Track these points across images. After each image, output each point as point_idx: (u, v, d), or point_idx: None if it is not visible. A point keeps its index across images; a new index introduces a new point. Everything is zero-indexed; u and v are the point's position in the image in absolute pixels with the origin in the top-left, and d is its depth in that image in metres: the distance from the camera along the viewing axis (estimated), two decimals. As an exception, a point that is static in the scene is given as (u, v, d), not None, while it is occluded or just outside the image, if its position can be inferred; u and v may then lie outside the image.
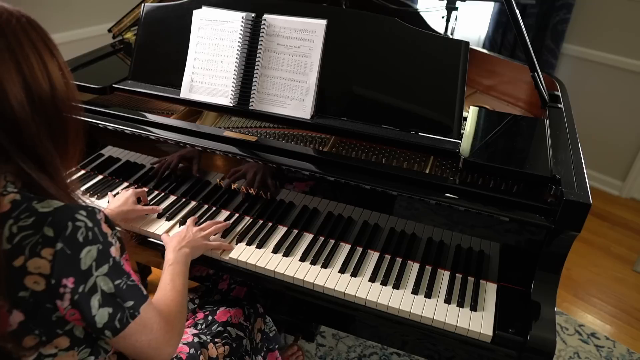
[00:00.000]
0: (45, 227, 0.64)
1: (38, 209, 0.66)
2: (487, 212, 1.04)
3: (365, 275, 1.12)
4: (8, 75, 0.64)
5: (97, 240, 0.68)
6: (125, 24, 1.79)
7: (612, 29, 2.56)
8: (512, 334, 0.98)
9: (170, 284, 0.97)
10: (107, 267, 0.69)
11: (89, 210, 0.68)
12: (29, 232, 0.64)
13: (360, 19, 1.23)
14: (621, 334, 1.97)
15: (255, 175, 1.22)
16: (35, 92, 0.67)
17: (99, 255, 0.68)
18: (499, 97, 1.70)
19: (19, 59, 0.65)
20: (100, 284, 0.68)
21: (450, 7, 2.14)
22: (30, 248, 0.64)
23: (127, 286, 0.72)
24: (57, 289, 0.65)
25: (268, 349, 1.27)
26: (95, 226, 0.68)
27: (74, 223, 0.66)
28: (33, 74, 0.67)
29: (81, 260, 0.66)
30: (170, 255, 1.06)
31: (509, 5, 1.24)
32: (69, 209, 0.67)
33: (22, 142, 0.67)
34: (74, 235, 0.65)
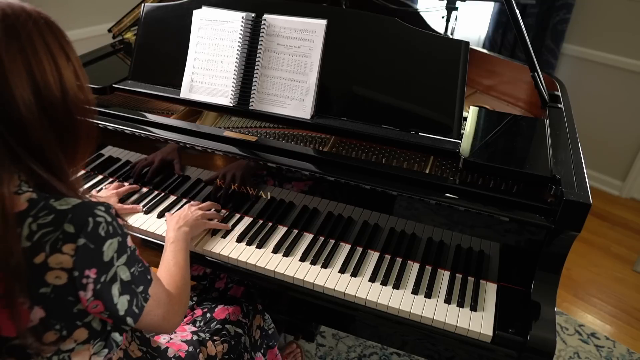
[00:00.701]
0: (65, 224, 0.65)
1: (56, 207, 0.66)
2: (487, 212, 1.04)
3: (365, 275, 1.12)
4: (18, 78, 0.64)
5: (117, 233, 0.70)
6: (125, 24, 1.79)
7: (612, 29, 2.56)
8: (512, 334, 0.98)
9: (173, 259, 1.02)
10: (125, 256, 0.72)
11: (105, 205, 0.70)
12: (49, 229, 0.65)
13: (360, 19, 1.23)
14: (621, 334, 1.97)
15: (254, 174, 1.22)
16: (45, 96, 0.66)
17: (119, 246, 0.70)
18: (499, 97, 1.70)
19: (31, 62, 0.65)
20: (120, 273, 0.71)
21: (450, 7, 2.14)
22: (51, 244, 0.65)
23: (138, 272, 0.75)
24: (80, 280, 0.66)
25: (268, 346, 1.27)
26: (114, 220, 0.70)
27: (94, 219, 0.67)
28: (44, 78, 0.66)
29: (104, 253, 0.68)
30: (171, 234, 1.10)
31: (509, 5, 1.24)
32: (87, 205, 0.68)
33: (29, 145, 0.67)
34: (96, 231, 0.67)
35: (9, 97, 0.64)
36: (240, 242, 1.20)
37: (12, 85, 0.63)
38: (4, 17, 0.65)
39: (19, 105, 0.64)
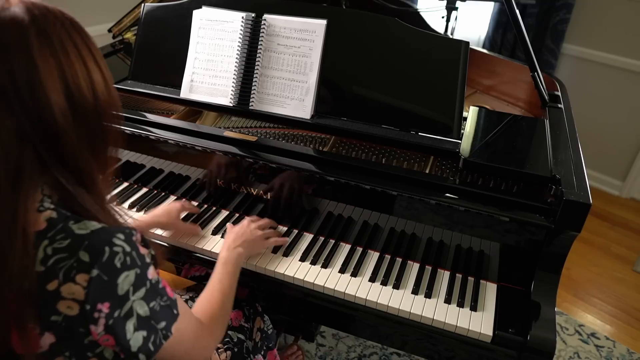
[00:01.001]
0: (80, 252, 0.61)
1: (74, 230, 0.63)
2: (487, 212, 1.04)
3: (365, 275, 1.12)
4: (52, 83, 0.60)
5: (135, 264, 0.65)
6: (125, 24, 1.79)
7: (612, 29, 2.56)
8: (512, 334, 0.98)
9: (218, 284, 0.97)
10: (144, 290, 0.66)
11: (126, 233, 0.65)
12: (64, 255, 0.61)
13: (360, 19, 1.23)
14: (621, 334, 1.97)
15: (256, 176, 1.22)
16: (78, 101, 0.63)
17: (137, 279, 0.65)
18: (499, 97, 1.70)
19: (63, 66, 0.62)
20: (137, 307, 0.65)
21: (450, 7, 2.14)
22: (65, 272, 0.61)
23: (160, 307, 0.69)
24: (92, 314, 0.62)
25: (267, 347, 1.27)
26: (133, 250, 0.65)
27: (111, 248, 0.62)
28: (77, 82, 0.63)
29: (118, 286, 0.63)
30: (224, 254, 1.05)
31: (509, 5, 1.24)
32: (106, 232, 0.64)
33: (61, 154, 0.64)
34: (111, 261, 0.62)
35: (45, 104, 0.60)
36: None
37: (48, 90, 0.60)
38: (34, 19, 0.61)
39: (54, 112, 0.61)
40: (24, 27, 0.60)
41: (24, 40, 0.59)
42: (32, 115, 0.60)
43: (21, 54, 0.59)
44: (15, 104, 0.59)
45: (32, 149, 0.61)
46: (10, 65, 0.59)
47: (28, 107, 0.59)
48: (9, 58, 0.59)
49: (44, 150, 0.62)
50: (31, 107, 0.60)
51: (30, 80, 0.59)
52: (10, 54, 0.59)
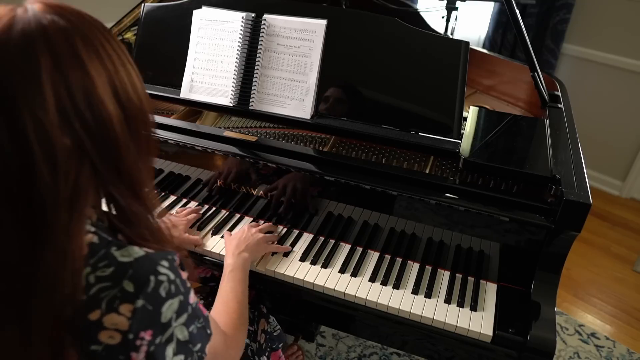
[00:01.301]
0: (125, 281, 0.59)
1: (117, 258, 0.60)
2: (487, 212, 1.04)
3: (365, 275, 1.12)
4: (105, 92, 0.57)
5: (179, 291, 0.63)
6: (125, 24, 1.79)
7: (612, 29, 2.56)
8: (512, 334, 0.98)
9: (231, 293, 0.95)
10: (185, 316, 0.65)
11: (169, 260, 0.63)
12: (107, 284, 0.59)
13: (361, 19, 1.23)
14: (621, 334, 1.97)
15: (256, 176, 1.22)
16: (128, 107, 0.60)
17: (180, 306, 0.64)
18: (499, 97, 1.70)
19: (111, 73, 0.58)
20: (177, 333, 0.64)
21: (450, 7, 2.14)
22: (108, 302, 0.58)
23: (197, 329, 0.68)
24: (134, 342, 0.60)
25: (271, 349, 1.27)
26: (177, 277, 0.63)
27: (156, 277, 0.60)
28: (125, 88, 0.60)
29: (162, 314, 0.61)
30: (230, 260, 1.03)
31: (509, 5, 1.24)
32: (150, 260, 0.61)
33: (118, 166, 0.60)
34: (156, 291, 0.60)
35: (104, 114, 0.57)
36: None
37: (104, 100, 0.56)
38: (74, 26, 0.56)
39: (112, 122, 0.58)
40: (69, 35, 0.55)
41: (74, 50, 0.55)
42: (91, 129, 0.56)
43: (75, 65, 0.55)
44: (74, 120, 0.54)
45: (89, 165, 0.58)
46: (66, 79, 0.54)
47: (87, 121, 0.55)
48: (63, 69, 0.53)
49: (102, 164, 0.58)
50: (90, 120, 0.56)
51: (86, 92, 0.55)
52: (65, 65, 0.54)
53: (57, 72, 0.53)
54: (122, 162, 0.61)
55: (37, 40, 0.53)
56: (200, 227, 1.23)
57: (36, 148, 0.52)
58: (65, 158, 0.54)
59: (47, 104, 0.52)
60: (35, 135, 0.52)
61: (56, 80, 0.53)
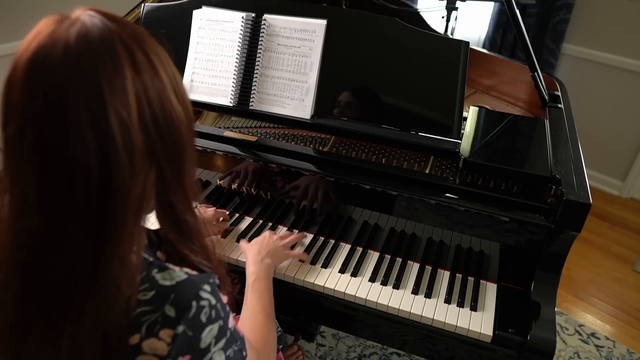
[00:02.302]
0: (167, 306, 0.57)
1: (159, 281, 0.59)
2: (487, 212, 1.04)
3: (365, 275, 1.12)
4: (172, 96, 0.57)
5: (219, 317, 0.62)
6: (125, 24, 1.79)
7: (612, 29, 2.56)
8: (512, 334, 0.98)
9: (258, 304, 0.91)
10: (224, 340, 0.64)
11: (211, 284, 0.62)
12: (148, 308, 0.57)
13: (360, 19, 1.23)
14: (621, 334, 1.97)
15: (256, 175, 1.22)
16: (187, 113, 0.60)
17: (219, 332, 0.62)
18: (499, 97, 1.70)
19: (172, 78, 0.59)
20: (215, 357, 0.63)
21: (450, 7, 2.14)
22: (148, 327, 0.57)
23: (234, 353, 0.66)
24: None
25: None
26: (218, 302, 0.62)
27: (198, 302, 0.59)
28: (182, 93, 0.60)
29: (202, 340, 0.60)
30: (252, 269, 0.99)
31: (509, 5, 1.24)
32: (192, 284, 0.60)
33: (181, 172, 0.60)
34: (197, 317, 0.59)
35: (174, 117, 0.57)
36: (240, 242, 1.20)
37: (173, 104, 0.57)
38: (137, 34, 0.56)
39: (181, 126, 0.58)
40: (138, 40, 0.56)
41: (147, 56, 0.56)
42: (164, 132, 0.56)
43: (150, 70, 0.56)
44: (150, 122, 0.55)
45: (156, 169, 0.57)
46: (143, 80, 0.54)
47: (160, 124, 0.56)
48: (141, 72, 0.54)
49: (169, 168, 0.58)
50: (163, 124, 0.56)
51: (160, 97, 0.56)
52: (142, 71, 0.55)
53: (136, 74, 0.54)
54: (184, 169, 0.61)
55: (116, 43, 0.53)
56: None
57: (120, 148, 0.52)
58: (139, 161, 0.54)
59: (130, 104, 0.53)
60: (120, 135, 0.52)
61: (136, 82, 0.54)
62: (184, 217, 0.63)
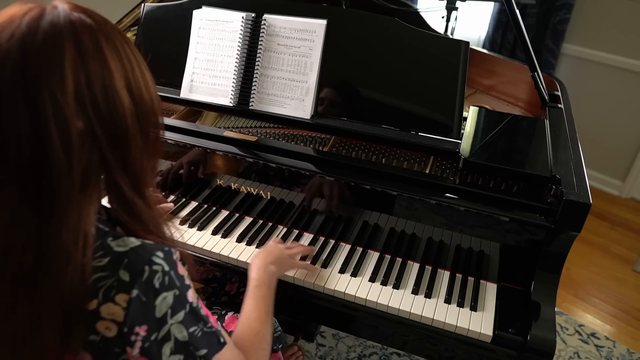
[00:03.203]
0: (121, 270, 0.60)
1: (113, 248, 0.61)
2: (487, 212, 1.04)
3: (365, 275, 1.12)
4: (121, 86, 0.60)
5: (174, 285, 0.63)
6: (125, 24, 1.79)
7: (612, 29, 2.56)
8: (512, 334, 0.98)
9: (255, 312, 0.90)
10: (183, 313, 0.64)
11: (165, 252, 0.63)
12: (104, 273, 0.60)
13: (360, 19, 1.23)
14: (621, 334, 1.97)
15: (258, 175, 1.22)
16: (140, 104, 0.63)
17: (175, 301, 0.63)
18: (499, 97, 1.70)
19: (128, 71, 0.62)
20: (175, 332, 0.63)
21: (450, 7, 2.14)
22: (105, 292, 0.59)
23: (202, 333, 0.66)
24: (129, 336, 0.61)
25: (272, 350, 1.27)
26: (172, 269, 0.63)
27: (150, 267, 0.61)
28: (139, 86, 0.63)
29: (156, 308, 0.61)
30: (255, 274, 0.97)
31: (509, 5, 1.24)
32: (145, 250, 0.62)
33: (125, 157, 0.63)
34: (150, 281, 0.61)
35: (118, 106, 0.60)
36: (240, 242, 1.20)
37: (120, 93, 0.60)
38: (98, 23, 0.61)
39: (125, 114, 0.61)
40: (94, 31, 0.59)
41: (98, 44, 0.59)
42: (104, 118, 0.59)
43: (97, 57, 0.59)
44: (89, 106, 0.58)
45: (98, 151, 0.60)
46: (87, 68, 0.58)
47: (100, 110, 0.59)
48: (86, 60, 0.58)
49: (111, 152, 0.61)
50: (104, 110, 0.59)
51: (104, 83, 0.59)
52: (87, 56, 0.58)
53: (79, 59, 0.57)
54: (129, 156, 0.63)
55: (65, 30, 0.57)
56: (200, 228, 1.23)
57: (52, 125, 0.55)
58: (78, 140, 0.57)
59: (67, 87, 0.56)
60: (52, 113, 0.55)
61: (77, 67, 0.57)
62: (132, 199, 0.65)
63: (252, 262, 1.03)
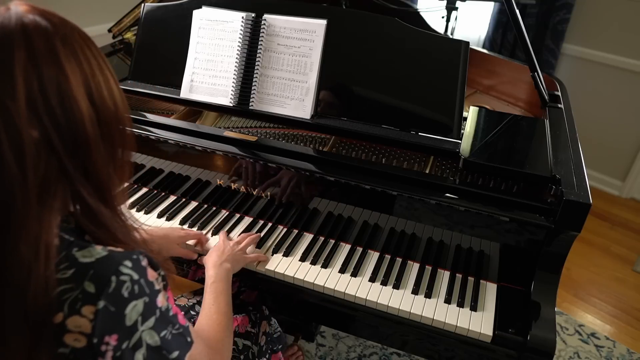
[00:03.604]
0: (86, 282, 0.58)
1: (78, 259, 0.59)
2: (487, 212, 1.04)
3: (365, 275, 1.12)
4: (80, 92, 0.59)
5: (144, 293, 0.62)
6: (125, 24, 1.79)
7: (612, 29, 2.56)
8: (512, 334, 0.98)
9: (214, 305, 0.94)
10: (153, 319, 0.63)
11: (134, 260, 0.62)
12: (69, 286, 0.58)
13: (361, 19, 1.23)
14: (621, 334, 1.97)
15: (257, 175, 1.22)
16: (102, 109, 0.62)
17: (145, 308, 0.62)
18: (499, 97, 1.70)
19: (88, 76, 0.60)
20: (146, 338, 0.62)
21: (450, 7, 2.14)
22: (70, 304, 0.58)
23: (172, 336, 0.66)
24: (99, 346, 0.59)
25: (272, 351, 1.27)
26: (142, 277, 0.62)
27: (118, 277, 0.59)
28: (100, 91, 0.61)
29: (126, 317, 0.60)
30: (211, 272, 1.01)
31: (509, 5, 1.24)
32: (112, 260, 0.60)
33: (86, 165, 0.61)
34: (118, 291, 0.59)
35: (75, 113, 0.58)
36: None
37: (77, 100, 0.58)
38: (56, 27, 0.58)
39: (84, 121, 0.59)
40: (49, 35, 0.57)
41: (53, 48, 0.57)
42: (61, 126, 0.57)
43: (51, 62, 0.57)
44: (44, 113, 0.56)
45: (56, 160, 0.59)
46: (40, 73, 0.56)
47: (57, 117, 0.57)
48: (39, 65, 0.56)
49: (70, 161, 0.59)
50: (60, 117, 0.57)
51: (60, 90, 0.57)
52: (40, 61, 0.56)
53: (31, 66, 0.55)
54: (91, 164, 0.62)
55: (15, 34, 0.55)
56: (200, 228, 1.23)
57: (2, 135, 0.54)
58: (32, 149, 0.56)
59: (17, 94, 0.54)
60: (2, 122, 0.54)
61: (29, 74, 0.55)
62: (97, 209, 0.64)
63: (206, 261, 1.07)
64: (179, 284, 1.33)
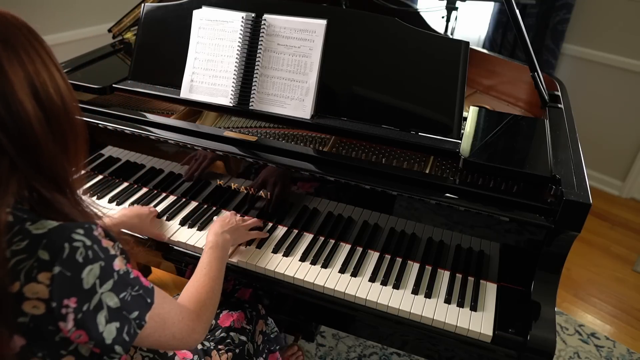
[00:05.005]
0: (40, 251, 0.60)
1: (32, 231, 0.62)
2: (487, 212, 1.04)
3: (365, 275, 1.12)
4: (24, 94, 0.60)
5: (98, 257, 0.64)
6: (125, 24, 1.79)
7: (612, 29, 2.56)
8: (512, 334, 0.98)
9: (206, 267, 0.97)
10: (111, 282, 0.65)
11: (85, 228, 0.64)
12: (23, 256, 0.60)
13: (361, 19, 1.23)
14: (621, 334, 1.97)
15: (257, 175, 1.22)
16: (49, 107, 0.64)
17: (102, 272, 0.64)
18: (499, 97, 1.70)
19: (32, 76, 0.62)
20: (106, 300, 0.65)
21: (450, 7, 2.14)
22: (26, 273, 0.60)
23: (131, 297, 0.68)
24: (59, 310, 0.61)
25: (269, 351, 1.27)
26: (95, 243, 0.64)
27: (70, 244, 0.62)
28: (46, 89, 0.63)
29: (83, 280, 0.62)
30: (211, 238, 1.06)
31: (509, 5, 1.24)
32: (64, 229, 0.63)
33: (38, 162, 0.64)
34: (72, 257, 0.61)
35: (22, 114, 0.60)
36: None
37: (22, 101, 0.60)
38: None
39: (31, 122, 0.61)
40: None
41: None
42: (9, 128, 0.60)
43: None
44: None
45: (7, 160, 0.61)
46: None
47: (3, 121, 0.59)
48: None
49: (21, 160, 0.62)
50: (7, 120, 0.59)
51: (4, 94, 0.59)
52: None
53: None
54: (43, 159, 0.64)
55: None
56: (200, 228, 1.23)
57: None
58: None
59: None
60: None
61: None
62: (52, 198, 0.66)
63: (210, 229, 1.11)
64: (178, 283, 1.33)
